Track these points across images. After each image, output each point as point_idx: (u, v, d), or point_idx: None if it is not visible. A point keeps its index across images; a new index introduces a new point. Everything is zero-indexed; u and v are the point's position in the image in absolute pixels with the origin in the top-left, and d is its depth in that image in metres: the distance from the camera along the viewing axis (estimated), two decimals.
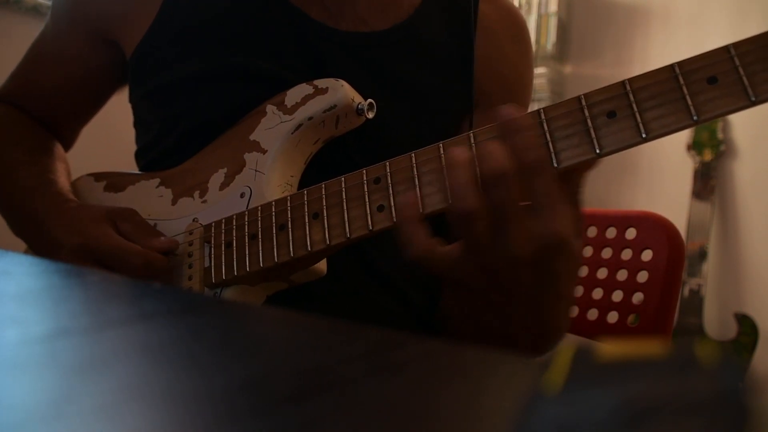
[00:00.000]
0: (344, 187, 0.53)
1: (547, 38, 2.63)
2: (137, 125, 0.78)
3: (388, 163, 0.52)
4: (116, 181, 0.73)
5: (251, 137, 0.64)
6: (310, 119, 0.62)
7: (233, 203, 0.62)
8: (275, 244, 0.56)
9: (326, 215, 0.54)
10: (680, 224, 1.86)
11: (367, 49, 0.70)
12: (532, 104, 0.84)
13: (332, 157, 0.65)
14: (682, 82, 0.43)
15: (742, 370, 0.14)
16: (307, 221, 0.55)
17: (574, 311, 0.89)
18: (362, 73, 0.68)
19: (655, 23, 2.53)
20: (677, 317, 2.20)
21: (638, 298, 0.82)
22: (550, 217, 0.43)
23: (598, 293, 0.88)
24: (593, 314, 0.88)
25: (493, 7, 0.77)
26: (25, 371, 0.20)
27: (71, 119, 0.84)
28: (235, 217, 0.60)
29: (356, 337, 0.26)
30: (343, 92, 0.61)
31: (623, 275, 0.85)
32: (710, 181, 2.31)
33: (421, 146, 0.51)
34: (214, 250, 0.60)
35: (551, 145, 0.46)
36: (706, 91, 0.43)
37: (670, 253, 0.81)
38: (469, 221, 0.43)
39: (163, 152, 0.71)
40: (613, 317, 0.85)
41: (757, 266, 2.26)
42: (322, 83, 0.62)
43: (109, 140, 1.25)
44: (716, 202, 2.32)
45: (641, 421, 0.13)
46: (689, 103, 0.43)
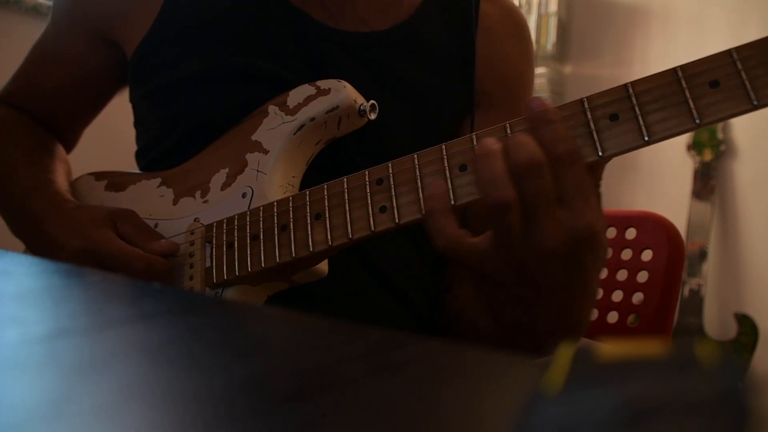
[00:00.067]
0: (346, 187, 0.53)
1: (547, 38, 2.63)
2: (137, 125, 0.78)
3: (390, 164, 0.52)
4: (117, 180, 0.73)
5: (253, 137, 0.64)
6: (312, 120, 0.62)
7: (235, 203, 0.62)
8: (277, 244, 0.56)
9: (328, 216, 0.54)
10: (680, 224, 1.86)
11: (367, 49, 0.70)
12: None
13: (333, 157, 0.65)
14: (684, 85, 0.43)
15: (742, 370, 0.14)
16: (309, 222, 0.55)
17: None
18: (362, 73, 0.68)
19: (655, 23, 2.53)
20: (677, 317, 2.20)
21: (638, 298, 0.82)
22: (582, 209, 0.43)
23: (598, 293, 0.88)
24: (593, 314, 0.88)
25: (493, 6, 0.77)
26: (25, 371, 0.20)
27: (73, 120, 0.84)
28: (236, 217, 0.60)
29: (356, 337, 0.26)
30: (345, 93, 0.61)
31: (623, 275, 0.85)
32: (710, 181, 2.31)
33: (421, 147, 0.51)
34: (215, 250, 0.60)
35: None
36: (708, 94, 0.43)
37: (670, 253, 0.81)
38: (502, 212, 0.43)
39: (163, 152, 0.71)
40: (613, 317, 0.85)
41: (757, 266, 2.26)
42: (324, 84, 0.62)
43: (109, 140, 1.25)
44: (716, 202, 2.32)
45: (641, 421, 0.13)
46: (692, 106, 0.43)
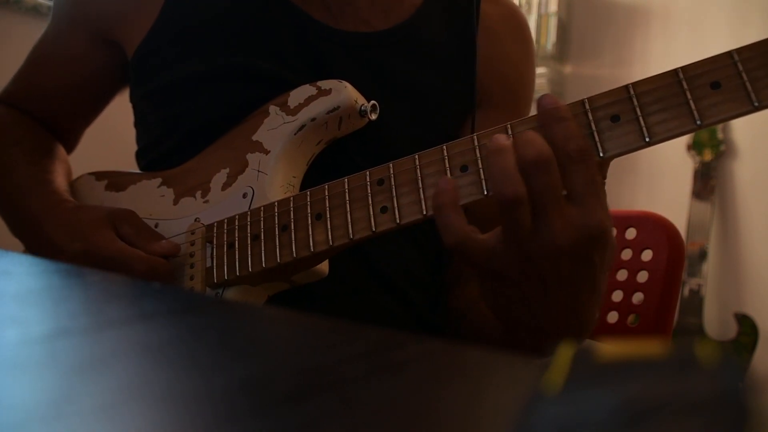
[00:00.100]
0: (348, 188, 0.53)
1: (547, 38, 2.63)
2: (138, 125, 0.77)
3: (391, 164, 0.52)
4: (117, 180, 0.73)
5: (254, 137, 0.64)
6: (313, 120, 0.62)
7: (235, 203, 0.62)
8: (278, 244, 0.56)
9: (329, 216, 0.54)
10: (680, 224, 1.86)
11: (368, 49, 0.70)
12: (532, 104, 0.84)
13: (334, 158, 0.65)
14: (685, 86, 0.43)
15: (742, 370, 0.14)
16: (310, 222, 0.55)
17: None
18: (363, 73, 0.68)
19: (655, 23, 2.53)
20: (677, 317, 2.20)
21: (638, 298, 0.82)
22: (593, 206, 0.43)
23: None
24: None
25: (494, 6, 0.77)
26: (25, 371, 0.20)
27: (73, 120, 0.84)
28: (237, 217, 0.60)
29: (356, 337, 0.26)
30: (346, 94, 0.61)
31: (623, 275, 0.85)
32: (710, 181, 2.31)
33: (422, 147, 0.51)
34: (216, 250, 0.60)
35: None
36: (709, 96, 0.43)
37: (670, 253, 0.81)
38: (512, 207, 0.42)
39: (163, 152, 0.71)
40: (613, 317, 0.85)
41: (757, 266, 2.27)
42: (325, 84, 0.62)
43: (109, 140, 1.25)
44: (716, 202, 2.32)
45: (641, 421, 0.13)
46: (693, 107, 0.43)
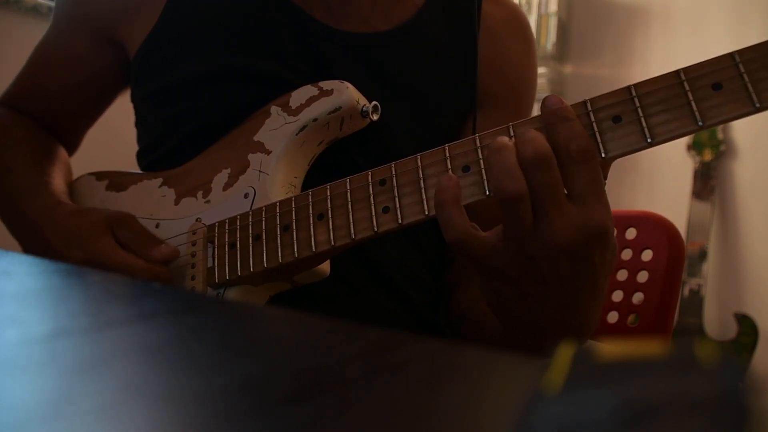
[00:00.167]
0: (349, 188, 0.53)
1: (547, 38, 2.63)
2: (139, 125, 0.77)
3: (393, 165, 0.52)
4: (118, 180, 0.73)
5: (255, 138, 0.64)
6: (314, 121, 0.62)
7: (237, 204, 0.62)
8: (279, 244, 0.56)
9: (331, 216, 0.54)
10: (680, 224, 1.86)
11: (369, 49, 0.70)
12: None
13: (335, 158, 0.65)
14: (687, 88, 0.43)
15: (742, 370, 0.14)
16: (311, 222, 0.55)
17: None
18: (364, 73, 0.68)
19: (655, 23, 2.53)
20: (677, 317, 2.20)
21: (638, 298, 0.82)
22: (595, 205, 0.43)
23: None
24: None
25: (496, 7, 0.77)
26: (25, 371, 0.20)
27: (75, 121, 0.84)
28: (239, 217, 0.60)
29: (356, 337, 0.26)
30: (348, 94, 0.61)
31: (623, 275, 0.85)
32: (710, 181, 2.31)
33: (423, 147, 0.51)
34: (217, 250, 0.60)
35: None
36: (711, 97, 0.43)
37: (670, 253, 0.81)
38: (514, 204, 0.43)
39: (164, 153, 0.71)
40: (613, 317, 0.85)
41: (757, 266, 2.27)
42: (326, 85, 0.62)
43: (110, 140, 1.25)
44: (716, 202, 2.32)
45: (641, 421, 0.13)
46: (694, 108, 0.43)
